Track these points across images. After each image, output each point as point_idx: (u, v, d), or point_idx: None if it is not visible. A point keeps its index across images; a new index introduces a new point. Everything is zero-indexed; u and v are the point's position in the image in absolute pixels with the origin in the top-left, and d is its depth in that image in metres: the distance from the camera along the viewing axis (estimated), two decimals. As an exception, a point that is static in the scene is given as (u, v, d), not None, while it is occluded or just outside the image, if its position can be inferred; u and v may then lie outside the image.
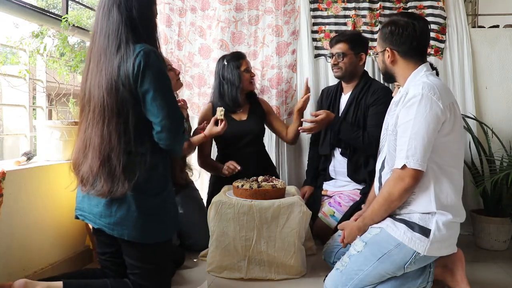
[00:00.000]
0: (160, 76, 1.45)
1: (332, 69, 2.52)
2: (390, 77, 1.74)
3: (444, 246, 1.55)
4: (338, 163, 2.48)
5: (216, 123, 2.32)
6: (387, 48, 1.67)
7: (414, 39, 1.63)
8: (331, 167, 2.52)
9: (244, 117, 2.55)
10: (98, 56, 1.47)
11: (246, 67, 2.51)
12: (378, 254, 1.55)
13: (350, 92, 2.49)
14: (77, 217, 1.58)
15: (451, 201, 1.54)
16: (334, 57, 2.46)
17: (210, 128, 2.30)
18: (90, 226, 1.66)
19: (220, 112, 2.29)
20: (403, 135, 1.54)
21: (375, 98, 2.37)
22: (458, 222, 1.58)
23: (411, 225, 1.54)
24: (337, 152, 2.48)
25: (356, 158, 2.39)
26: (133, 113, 1.43)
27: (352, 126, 2.36)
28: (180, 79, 2.40)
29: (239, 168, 2.33)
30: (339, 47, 2.44)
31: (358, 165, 2.39)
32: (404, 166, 1.51)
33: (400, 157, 1.54)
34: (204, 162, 2.57)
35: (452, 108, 1.54)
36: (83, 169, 1.48)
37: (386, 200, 1.57)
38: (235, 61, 2.49)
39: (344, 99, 2.53)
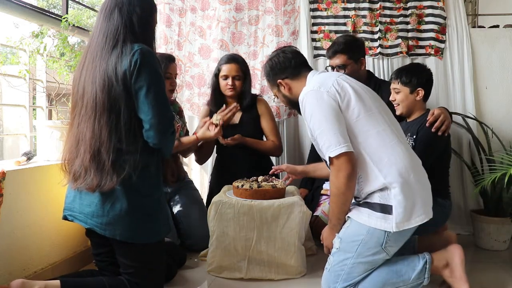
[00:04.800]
0: (155, 75, 1.48)
1: None
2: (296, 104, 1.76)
3: (412, 216, 1.52)
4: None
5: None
6: (279, 81, 1.79)
7: (292, 59, 1.79)
8: None
9: (236, 121, 2.53)
10: (94, 54, 1.49)
11: (224, 74, 2.48)
12: (354, 245, 1.57)
13: None
14: (65, 218, 1.57)
15: (393, 162, 1.54)
16: (335, 70, 2.38)
17: (203, 132, 2.22)
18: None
19: (216, 117, 2.21)
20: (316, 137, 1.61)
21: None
22: (413, 184, 1.54)
23: (372, 206, 1.55)
24: None
25: None
26: (125, 109, 1.44)
27: None
28: (174, 95, 2.43)
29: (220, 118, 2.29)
30: (338, 59, 2.38)
31: None
32: (330, 158, 1.54)
33: (325, 154, 1.58)
34: (200, 158, 2.61)
35: (337, 86, 1.62)
36: (76, 164, 1.49)
37: (338, 196, 1.58)
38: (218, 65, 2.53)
39: None
